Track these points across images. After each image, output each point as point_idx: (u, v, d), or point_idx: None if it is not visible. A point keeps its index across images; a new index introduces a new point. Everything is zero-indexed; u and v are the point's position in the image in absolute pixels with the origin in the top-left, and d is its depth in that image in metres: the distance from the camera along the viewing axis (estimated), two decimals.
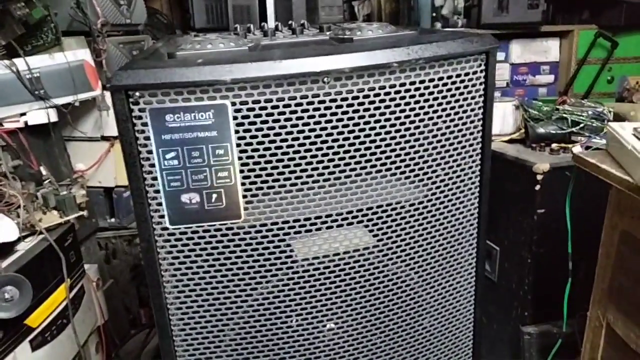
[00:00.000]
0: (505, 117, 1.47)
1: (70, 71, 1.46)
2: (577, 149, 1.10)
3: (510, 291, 1.40)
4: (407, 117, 0.74)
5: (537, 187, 1.27)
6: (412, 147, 0.76)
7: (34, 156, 1.38)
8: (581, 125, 1.37)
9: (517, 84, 2.46)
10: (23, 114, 1.38)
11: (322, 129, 0.71)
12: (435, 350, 0.93)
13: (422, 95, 0.74)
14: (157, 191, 0.71)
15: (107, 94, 1.60)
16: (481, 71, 0.78)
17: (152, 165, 0.69)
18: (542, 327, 1.37)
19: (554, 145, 1.37)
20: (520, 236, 1.35)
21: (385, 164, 0.76)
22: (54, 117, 1.45)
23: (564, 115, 1.39)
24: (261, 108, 0.68)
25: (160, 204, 0.71)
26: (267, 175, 0.72)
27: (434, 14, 2.36)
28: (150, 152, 0.69)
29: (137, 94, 0.66)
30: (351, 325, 0.85)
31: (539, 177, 1.26)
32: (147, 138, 0.68)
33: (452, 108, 0.77)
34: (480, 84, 0.78)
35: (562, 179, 1.23)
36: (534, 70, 2.46)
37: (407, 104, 0.73)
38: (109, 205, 1.75)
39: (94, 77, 1.55)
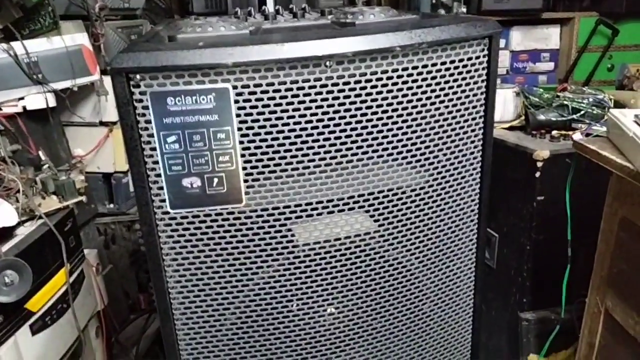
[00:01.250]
0: (505, 104, 1.46)
1: (68, 55, 1.45)
2: (577, 136, 1.09)
3: (509, 278, 1.41)
4: (409, 101, 0.74)
5: (537, 174, 1.27)
6: (414, 132, 0.76)
7: (32, 141, 1.37)
8: (582, 112, 1.36)
9: (517, 71, 2.46)
10: (21, 99, 1.37)
11: (324, 113, 0.70)
12: (435, 335, 0.94)
13: (424, 79, 0.73)
14: (158, 175, 0.70)
15: (106, 79, 1.58)
16: (484, 56, 0.77)
17: (153, 149, 0.69)
18: (541, 313, 1.38)
19: (554, 133, 1.37)
20: (519, 223, 1.35)
21: (387, 149, 0.75)
22: (52, 102, 1.44)
23: (565, 102, 1.39)
24: (263, 92, 0.68)
25: (161, 188, 0.71)
26: (269, 159, 0.71)
27: (434, 1, 2.34)
28: (151, 135, 0.68)
29: (138, 76, 0.65)
30: (352, 309, 0.86)
31: (539, 164, 1.26)
32: (148, 122, 0.68)
33: (455, 93, 0.77)
34: (483, 68, 0.78)
35: (562, 166, 1.23)
36: (534, 58, 2.45)
37: (409, 88, 0.73)
38: (108, 190, 1.74)
39: (92, 61, 1.54)
